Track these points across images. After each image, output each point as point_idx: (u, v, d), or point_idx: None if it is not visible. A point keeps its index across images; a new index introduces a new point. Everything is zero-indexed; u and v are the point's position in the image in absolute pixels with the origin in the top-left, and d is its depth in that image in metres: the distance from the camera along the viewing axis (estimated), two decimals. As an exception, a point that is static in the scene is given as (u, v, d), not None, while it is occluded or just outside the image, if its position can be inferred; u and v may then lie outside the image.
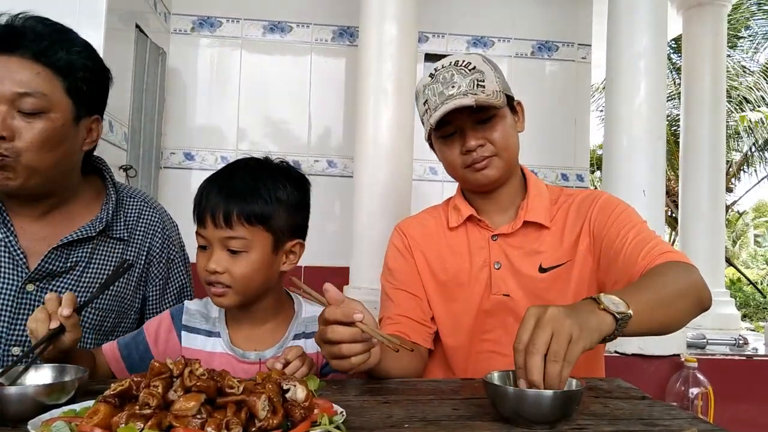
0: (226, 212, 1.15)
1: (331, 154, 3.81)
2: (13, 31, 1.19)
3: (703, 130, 4.04)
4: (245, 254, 1.18)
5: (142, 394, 0.79)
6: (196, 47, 3.70)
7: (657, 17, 2.79)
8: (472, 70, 1.35)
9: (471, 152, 1.36)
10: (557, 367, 0.89)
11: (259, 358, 1.24)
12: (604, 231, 1.36)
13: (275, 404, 0.81)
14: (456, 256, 1.47)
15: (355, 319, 1.02)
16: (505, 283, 1.43)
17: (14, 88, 1.17)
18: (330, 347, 1.04)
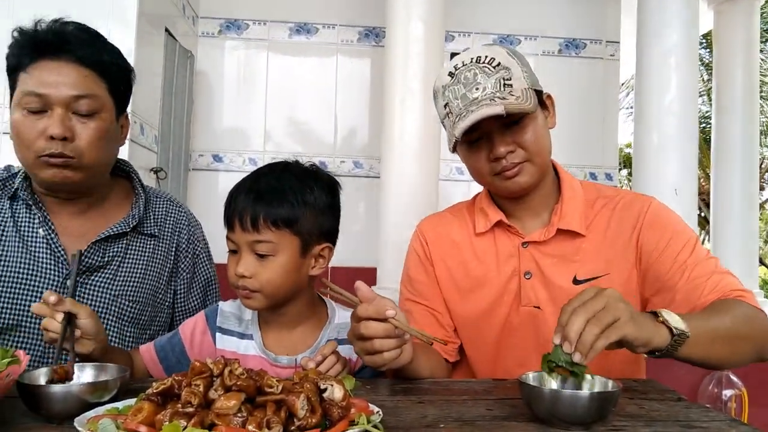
0: (253, 216, 1.16)
1: (357, 155, 3.82)
2: (60, 37, 1.25)
3: (735, 127, 3.96)
4: (273, 258, 1.18)
5: (185, 392, 0.80)
6: (223, 50, 3.74)
7: (688, 12, 2.75)
8: (496, 67, 1.22)
9: (500, 159, 1.24)
10: (595, 331, 0.90)
11: (293, 362, 1.25)
12: (657, 252, 1.26)
13: (313, 403, 0.82)
14: (482, 263, 1.36)
15: (388, 315, 1.03)
16: (535, 294, 1.32)
17: (70, 91, 1.23)
18: (363, 343, 1.05)
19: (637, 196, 1.36)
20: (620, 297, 0.96)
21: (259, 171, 1.26)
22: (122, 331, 1.37)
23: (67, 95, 1.23)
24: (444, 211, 1.49)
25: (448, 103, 1.25)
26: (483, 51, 1.26)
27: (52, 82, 1.23)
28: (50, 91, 1.22)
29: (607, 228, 1.31)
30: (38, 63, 1.24)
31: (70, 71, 1.24)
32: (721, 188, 4.03)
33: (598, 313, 0.92)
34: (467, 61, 1.24)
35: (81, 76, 1.25)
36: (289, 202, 1.18)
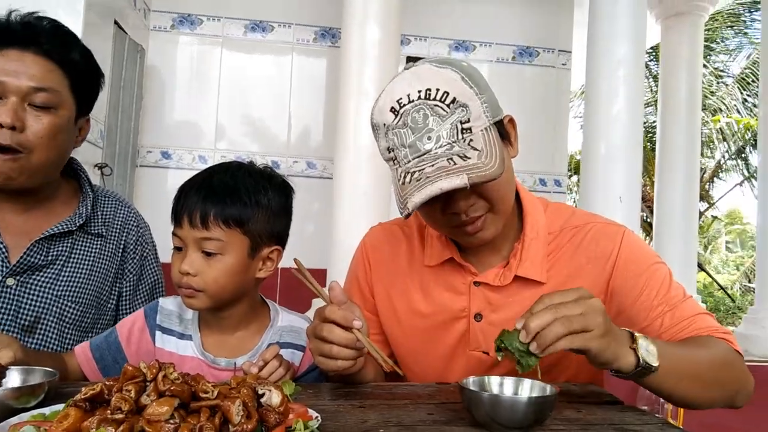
0: (203, 212, 1.13)
1: (311, 156, 3.80)
2: (29, 28, 1.23)
3: (679, 138, 4.12)
4: (220, 257, 1.15)
5: (114, 398, 0.78)
6: (175, 45, 3.67)
7: (636, 26, 2.84)
8: (451, 106, 1.02)
9: (458, 214, 1.08)
10: (560, 331, 0.88)
11: (231, 365, 1.22)
12: (632, 296, 1.15)
13: (250, 409, 0.81)
14: (427, 297, 1.23)
15: (354, 325, 1.01)
16: (485, 338, 1.19)
17: (30, 82, 1.21)
18: (321, 345, 1.02)
19: (606, 227, 1.21)
20: (602, 309, 0.92)
21: (212, 168, 1.23)
22: (63, 333, 1.33)
23: (26, 85, 1.20)
24: (395, 226, 1.33)
25: (392, 148, 1.05)
26: (433, 80, 1.04)
27: (12, 70, 1.20)
28: (9, 80, 1.19)
29: (569, 266, 1.18)
30: (4, 51, 1.21)
31: (33, 62, 1.22)
32: (664, 196, 4.19)
33: (572, 317, 0.89)
34: (414, 96, 1.03)
35: (44, 70, 1.23)
36: (241, 201, 1.16)
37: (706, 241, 17.83)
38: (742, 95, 12.57)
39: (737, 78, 12.70)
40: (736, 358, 1.10)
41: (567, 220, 1.22)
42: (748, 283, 13.51)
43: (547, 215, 1.22)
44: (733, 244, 20.32)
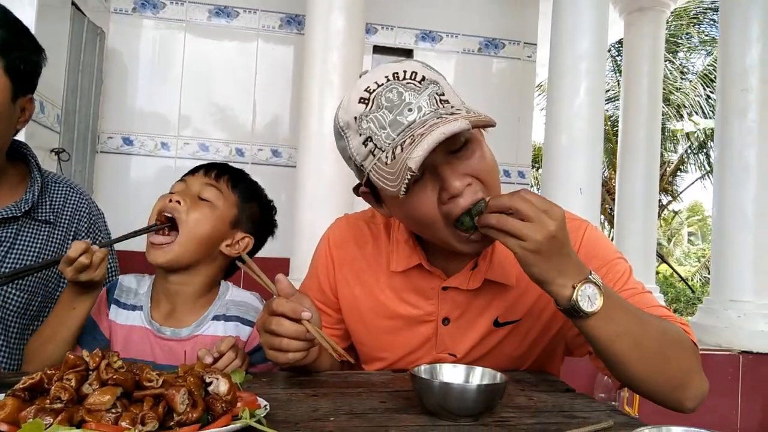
0: (220, 171, 1.31)
1: (277, 144, 3.76)
2: None
3: (640, 131, 4.20)
4: (210, 205, 1.26)
5: (54, 387, 0.76)
6: (137, 28, 3.58)
7: (599, 21, 2.87)
8: (422, 82, 0.98)
9: (457, 198, 0.98)
10: (496, 222, 0.91)
11: (177, 335, 1.25)
12: None
13: (196, 398, 0.80)
14: (393, 300, 1.20)
15: (303, 317, 1.00)
16: (453, 341, 1.18)
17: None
18: (271, 338, 1.02)
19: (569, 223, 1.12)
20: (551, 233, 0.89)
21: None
22: (6, 321, 1.30)
23: None
24: (361, 222, 1.27)
25: (370, 138, 0.97)
26: (396, 67, 1.00)
27: None
28: None
29: None
30: None
31: None
32: (625, 187, 4.27)
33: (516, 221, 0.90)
34: (381, 80, 0.98)
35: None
36: (250, 184, 1.36)
37: (669, 234, 18.26)
38: (705, 92, 12.87)
39: (700, 75, 12.98)
40: (688, 345, 1.04)
41: None
42: (708, 274, 13.90)
43: None
44: (695, 237, 20.85)
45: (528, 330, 1.19)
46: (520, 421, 0.95)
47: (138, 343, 1.25)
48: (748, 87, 3.23)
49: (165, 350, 1.23)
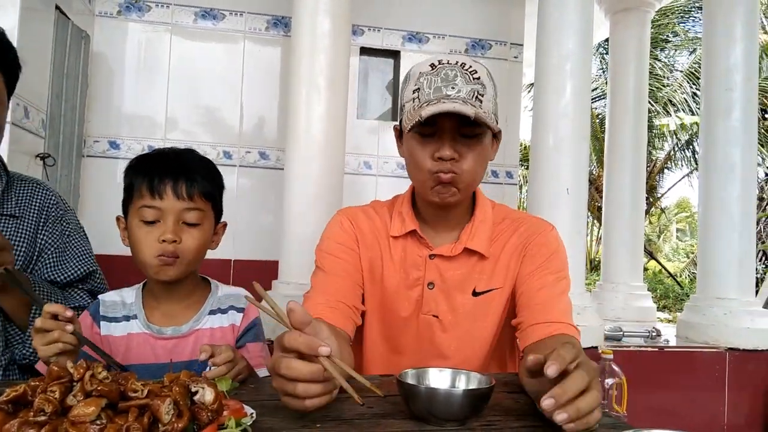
0: (188, 186, 1.25)
1: (264, 146, 3.75)
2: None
3: (626, 130, 4.22)
4: (199, 227, 1.28)
5: (38, 399, 0.75)
6: (123, 31, 3.55)
7: (584, 21, 2.87)
8: (476, 80, 1.25)
9: (443, 161, 1.26)
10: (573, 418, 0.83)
11: (178, 332, 1.31)
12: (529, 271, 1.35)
13: (181, 407, 0.79)
14: (391, 265, 1.40)
15: (320, 353, 0.86)
16: (436, 303, 1.38)
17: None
18: (284, 383, 0.87)
19: (539, 222, 1.43)
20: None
21: (166, 150, 1.34)
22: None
23: None
24: (365, 206, 1.51)
25: (419, 89, 1.26)
26: (468, 61, 1.29)
27: None
28: None
29: (505, 246, 1.39)
30: None
31: None
32: (613, 187, 4.29)
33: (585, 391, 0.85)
34: (452, 62, 1.28)
35: None
36: (213, 179, 1.32)
37: (658, 230, 18.38)
38: (691, 89, 12.96)
39: (686, 72, 13.07)
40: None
41: (508, 214, 1.45)
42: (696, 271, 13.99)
43: (494, 210, 1.44)
44: (682, 233, 21.00)
45: (497, 302, 1.39)
46: (506, 424, 0.96)
47: (138, 348, 1.29)
48: (732, 86, 3.26)
49: (167, 349, 1.27)
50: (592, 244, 14.57)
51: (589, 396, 0.83)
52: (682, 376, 3.07)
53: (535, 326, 1.26)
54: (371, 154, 3.86)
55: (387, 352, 1.42)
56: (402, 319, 1.40)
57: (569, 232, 2.63)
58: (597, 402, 0.83)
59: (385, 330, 1.42)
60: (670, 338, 3.45)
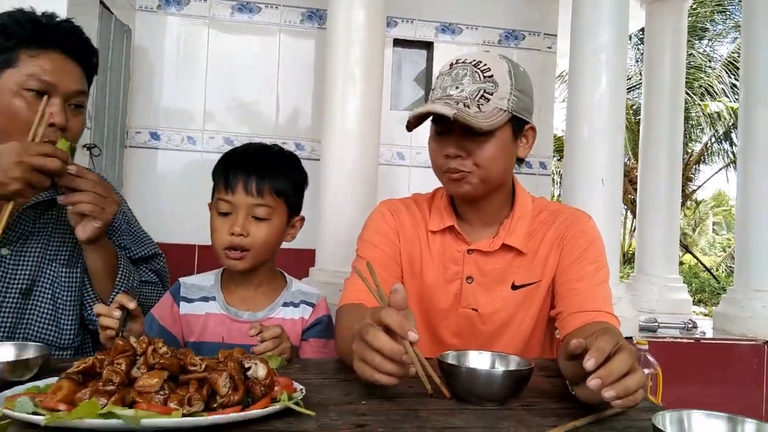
0: (259, 183, 1.34)
1: (300, 137, 3.80)
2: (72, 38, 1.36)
3: (662, 121, 4.15)
4: (268, 221, 1.36)
5: (106, 371, 0.81)
6: (162, 25, 3.63)
7: (619, 11, 2.84)
8: (486, 78, 1.26)
9: (449, 158, 1.30)
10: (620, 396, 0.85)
11: (253, 317, 1.40)
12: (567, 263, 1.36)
13: (236, 381, 0.84)
14: (430, 260, 1.43)
15: (409, 337, 0.91)
16: (475, 297, 1.40)
17: (76, 86, 1.34)
18: (364, 350, 0.93)
19: (576, 213, 1.44)
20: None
21: (249, 145, 1.45)
22: (55, 295, 1.40)
23: (72, 89, 1.33)
24: (406, 199, 1.54)
25: (434, 88, 1.33)
26: (488, 58, 1.30)
27: (59, 72, 1.32)
28: (57, 81, 1.31)
29: (543, 240, 1.40)
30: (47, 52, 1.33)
31: (74, 69, 1.35)
32: (648, 179, 4.23)
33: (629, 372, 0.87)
34: (469, 60, 1.30)
35: (80, 75, 1.36)
36: (287, 176, 1.39)
37: (694, 223, 18.03)
38: (729, 79, 12.64)
39: (725, 62, 12.76)
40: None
41: (545, 207, 1.46)
42: (734, 264, 13.70)
43: (533, 204, 1.45)
44: (719, 226, 20.56)
45: (536, 295, 1.40)
46: (545, 406, 0.99)
47: (214, 327, 1.40)
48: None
49: (241, 332, 1.35)
50: (625, 236, 14.37)
51: (636, 376, 0.85)
52: (718, 369, 3.04)
53: (575, 314, 1.28)
54: (404, 145, 3.88)
55: (427, 342, 1.45)
56: (441, 312, 1.42)
57: (604, 224, 2.58)
58: (643, 381, 0.86)
59: (425, 321, 1.44)
60: (707, 331, 3.41)
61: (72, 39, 1.36)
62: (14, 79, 1.29)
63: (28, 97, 1.28)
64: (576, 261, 1.36)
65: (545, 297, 1.41)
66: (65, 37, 1.34)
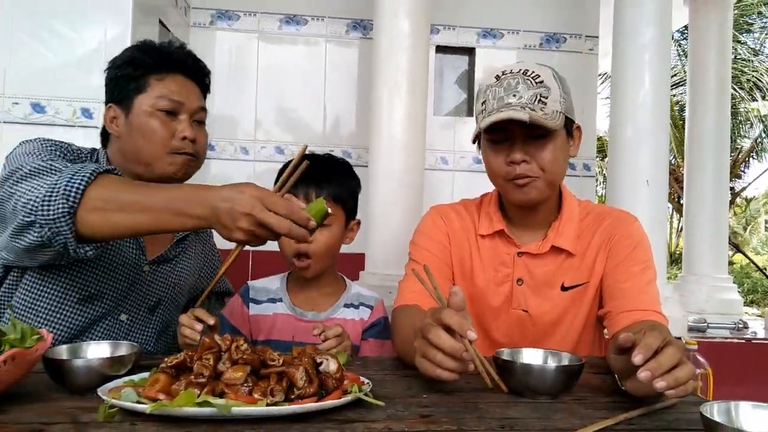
0: (318, 190, 1.43)
1: (346, 144, 3.89)
2: (189, 61, 1.50)
3: (708, 118, 4.08)
4: (330, 227, 1.45)
5: (197, 365, 0.90)
6: (215, 40, 3.78)
7: (662, 10, 2.83)
8: (539, 84, 1.32)
9: (514, 165, 1.34)
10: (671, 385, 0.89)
11: (317, 317, 1.51)
12: (614, 264, 1.40)
13: (311, 375, 0.93)
14: (480, 263, 1.48)
15: (469, 336, 0.98)
16: (525, 299, 1.45)
17: (198, 103, 1.48)
18: (426, 347, 1.00)
19: (622, 215, 1.49)
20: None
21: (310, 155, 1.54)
22: (173, 316, 1.55)
23: (197, 106, 1.47)
24: (455, 204, 1.59)
25: (485, 101, 1.35)
26: (532, 66, 1.36)
27: (186, 93, 1.46)
28: (185, 100, 1.44)
29: (591, 242, 1.45)
30: (173, 75, 1.46)
31: (196, 89, 1.50)
32: (694, 177, 4.16)
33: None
34: (516, 71, 1.35)
35: (200, 93, 1.51)
36: (341, 183, 1.49)
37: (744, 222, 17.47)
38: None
39: (773, 55, 12.36)
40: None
41: (592, 209, 1.51)
42: (787, 263, 13.23)
43: (579, 207, 1.50)
44: (771, 224, 19.84)
45: (585, 296, 1.44)
46: (595, 399, 1.04)
47: (281, 327, 1.51)
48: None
49: (306, 331, 1.44)
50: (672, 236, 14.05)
51: (686, 367, 0.89)
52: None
53: (623, 314, 1.32)
54: (447, 149, 3.94)
55: (479, 342, 1.49)
56: (493, 313, 1.48)
57: (649, 224, 2.58)
58: (693, 372, 0.90)
59: (476, 322, 1.50)
60: (758, 331, 3.36)
61: (189, 62, 1.49)
62: (147, 102, 1.41)
63: (160, 117, 1.41)
64: (623, 262, 1.40)
65: (594, 298, 1.45)
66: (184, 61, 1.47)
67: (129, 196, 1.11)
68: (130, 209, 1.10)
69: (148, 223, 1.10)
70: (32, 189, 1.14)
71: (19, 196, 1.15)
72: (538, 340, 1.45)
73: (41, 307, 1.37)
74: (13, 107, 2.58)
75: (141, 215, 1.09)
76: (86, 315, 1.41)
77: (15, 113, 2.58)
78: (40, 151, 1.29)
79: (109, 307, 1.44)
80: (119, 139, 1.45)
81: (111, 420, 0.84)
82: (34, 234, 1.13)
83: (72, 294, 1.39)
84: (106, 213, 1.10)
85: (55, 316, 1.38)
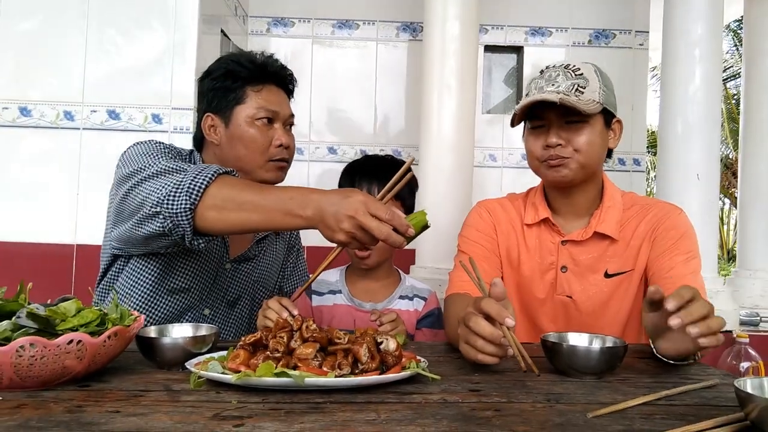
0: (381, 188, 1.49)
1: (396, 144, 3.99)
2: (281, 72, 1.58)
3: (763, 110, 3.97)
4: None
5: (272, 342, 1.02)
6: (271, 46, 3.92)
7: (713, 4, 2.82)
8: (578, 76, 1.41)
9: (550, 148, 1.42)
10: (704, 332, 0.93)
11: (374, 307, 1.63)
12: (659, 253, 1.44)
13: (373, 352, 1.02)
14: (527, 251, 1.55)
15: (506, 323, 1.05)
16: (569, 285, 1.50)
17: (289, 110, 1.57)
18: (467, 334, 1.08)
19: (667, 206, 1.53)
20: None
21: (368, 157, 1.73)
22: (252, 312, 1.65)
23: (289, 113, 1.57)
24: (501, 198, 1.67)
25: (528, 93, 1.45)
26: (573, 62, 1.46)
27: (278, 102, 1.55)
28: (279, 109, 1.53)
29: (635, 231, 1.49)
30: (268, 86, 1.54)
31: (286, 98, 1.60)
32: (749, 170, 4.06)
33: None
34: (558, 65, 1.46)
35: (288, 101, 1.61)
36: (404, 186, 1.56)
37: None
38: None
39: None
40: None
41: (636, 201, 1.55)
42: None
43: (623, 198, 1.55)
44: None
45: (630, 283, 1.48)
46: (638, 380, 1.09)
47: (342, 316, 1.63)
48: None
49: (364, 320, 1.57)
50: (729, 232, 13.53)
51: (717, 318, 0.94)
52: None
53: None
54: (496, 147, 3.99)
55: (527, 328, 1.58)
56: (538, 300, 1.54)
57: (699, 219, 2.60)
58: (723, 324, 0.94)
59: (523, 309, 1.57)
60: (816, 326, 3.29)
61: (281, 73, 1.56)
62: (246, 113, 1.49)
63: (259, 126, 1.49)
64: (667, 252, 1.44)
65: (639, 287, 1.49)
66: (277, 72, 1.55)
67: (245, 195, 1.18)
68: (245, 208, 1.17)
69: (259, 221, 1.18)
70: (160, 187, 1.24)
71: (148, 192, 1.25)
72: (583, 325, 1.50)
73: (137, 295, 1.49)
74: (91, 114, 2.77)
75: (254, 214, 1.17)
76: (174, 306, 1.52)
77: (93, 120, 2.77)
78: (155, 151, 1.39)
79: (194, 300, 1.54)
80: (218, 146, 1.52)
81: (199, 388, 0.96)
82: (157, 224, 1.23)
83: (164, 285, 1.50)
84: (223, 210, 1.19)
85: (148, 304, 1.50)
